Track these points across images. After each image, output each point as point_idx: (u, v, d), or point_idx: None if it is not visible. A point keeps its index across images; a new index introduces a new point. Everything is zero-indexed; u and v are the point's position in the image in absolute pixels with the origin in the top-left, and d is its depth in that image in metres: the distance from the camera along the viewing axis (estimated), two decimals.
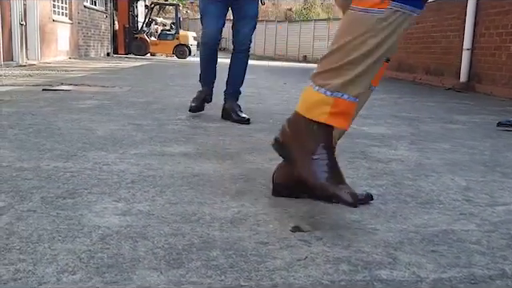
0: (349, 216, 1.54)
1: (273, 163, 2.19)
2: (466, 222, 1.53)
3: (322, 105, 1.50)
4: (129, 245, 1.23)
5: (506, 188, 1.95)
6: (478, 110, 4.89)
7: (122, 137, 2.64)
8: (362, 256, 1.23)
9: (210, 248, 1.24)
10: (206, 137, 2.77)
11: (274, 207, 1.59)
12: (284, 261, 1.18)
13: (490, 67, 6.98)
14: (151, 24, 18.06)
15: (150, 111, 3.72)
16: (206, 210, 1.52)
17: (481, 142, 2.98)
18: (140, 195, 1.64)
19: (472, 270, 1.18)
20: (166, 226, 1.37)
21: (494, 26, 6.92)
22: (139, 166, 2.03)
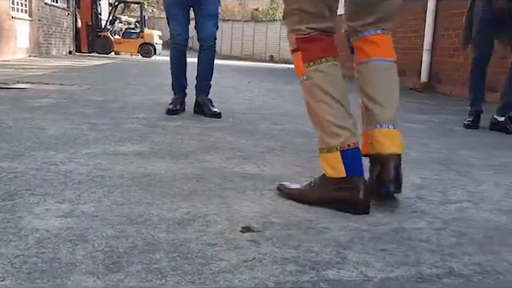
0: (302, 215, 1.52)
1: (229, 162, 2.16)
2: (418, 220, 1.52)
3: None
4: (66, 248, 1.17)
5: (459, 186, 1.96)
6: (437, 110, 4.97)
7: (75, 136, 2.55)
8: (310, 256, 1.21)
9: (154, 250, 1.19)
10: (162, 136, 2.71)
11: (226, 207, 1.55)
12: (230, 262, 1.15)
13: (449, 68, 7.11)
14: (115, 22, 17.79)
15: (107, 110, 3.63)
16: (154, 211, 1.47)
17: (437, 141, 3.01)
18: (86, 196, 1.58)
19: (420, 269, 1.17)
20: (110, 228, 1.31)
21: (452, 28, 7.05)
22: (89, 165, 1.96)
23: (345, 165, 1.57)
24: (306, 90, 1.66)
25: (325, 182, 1.62)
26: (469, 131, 3.51)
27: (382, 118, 1.70)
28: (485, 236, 1.41)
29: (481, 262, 1.22)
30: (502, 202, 1.77)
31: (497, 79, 5.06)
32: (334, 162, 1.59)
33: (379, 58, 1.75)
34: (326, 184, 1.61)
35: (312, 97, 1.64)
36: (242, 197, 1.67)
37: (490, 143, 3.02)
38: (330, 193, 1.58)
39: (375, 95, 1.73)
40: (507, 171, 2.26)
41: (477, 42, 3.76)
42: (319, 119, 1.63)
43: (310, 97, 1.65)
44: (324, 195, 1.59)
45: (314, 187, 1.65)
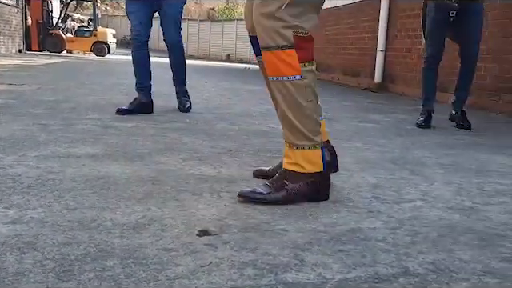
0: (259, 217, 1.51)
1: (185, 164, 2.13)
2: (374, 220, 1.54)
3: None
4: (14, 257, 1.11)
5: (413, 185, 2.00)
6: (391, 110, 5.07)
7: (24, 138, 2.46)
8: (268, 259, 1.20)
9: (107, 257, 1.15)
10: (116, 137, 2.65)
11: (182, 210, 1.52)
12: (187, 268, 1.12)
13: (402, 68, 7.28)
14: (67, 20, 17.31)
15: (58, 110, 3.52)
16: (108, 216, 1.43)
17: (391, 141, 3.07)
18: (35, 201, 1.51)
19: (376, 269, 1.18)
20: (60, 235, 1.26)
21: (405, 29, 7.22)
22: (39, 169, 1.89)
23: (322, 160, 1.69)
24: (298, 89, 1.63)
25: (299, 177, 1.65)
26: (421, 131, 3.59)
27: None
28: (438, 235, 1.43)
29: (435, 261, 1.24)
30: (454, 200, 1.81)
31: (448, 80, 5.20)
32: (314, 157, 1.67)
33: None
34: (301, 179, 1.65)
35: (304, 96, 1.64)
36: (198, 199, 1.64)
37: (441, 142, 3.10)
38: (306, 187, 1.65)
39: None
40: (457, 169, 2.32)
41: (429, 42, 3.85)
42: (307, 118, 1.65)
43: (301, 96, 1.64)
44: (301, 190, 1.65)
45: (285, 185, 1.65)
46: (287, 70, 1.62)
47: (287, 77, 1.63)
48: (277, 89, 1.66)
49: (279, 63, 1.62)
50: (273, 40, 1.61)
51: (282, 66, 1.62)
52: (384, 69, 7.79)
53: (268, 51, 1.64)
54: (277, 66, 1.63)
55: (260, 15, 1.63)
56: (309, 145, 1.66)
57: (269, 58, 1.65)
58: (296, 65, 1.62)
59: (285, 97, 1.65)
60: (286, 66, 1.62)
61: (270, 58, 1.64)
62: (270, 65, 1.66)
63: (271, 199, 1.63)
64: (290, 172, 1.67)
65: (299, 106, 1.64)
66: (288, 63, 1.61)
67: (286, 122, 1.68)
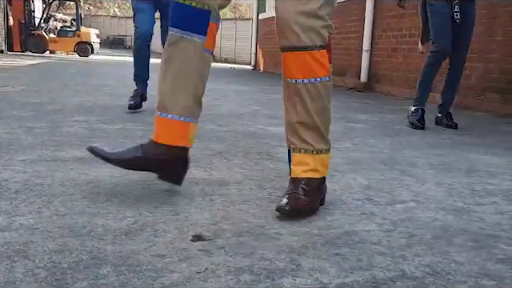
0: (252, 221, 1.49)
1: None
2: (368, 222, 1.53)
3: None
4: (5, 266, 1.08)
5: (404, 185, 2.00)
6: (377, 109, 5.09)
7: (9, 141, 2.41)
8: (264, 264, 1.18)
9: (100, 264, 1.12)
10: (104, 140, 2.61)
11: (174, 215, 1.50)
12: (182, 274, 1.10)
13: (388, 68, 7.32)
14: (50, 20, 17.12)
15: (44, 112, 3.46)
16: (99, 221, 1.40)
17: (380, 141, 3.07)
18: (24, 207, 1.48)
19: (373, 273, 1.17)
20: (51, 242, 1.23)
21: (390, 29, 7.26)
22: (26, 173, 1.85)
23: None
24: (326, 91, 1.61)
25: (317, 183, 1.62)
26: (409, 131, 3.60)
27: None
28: (433, 236, 1.43)
29: (431, 264, 1.24)
30: (446, 201, 1.81)
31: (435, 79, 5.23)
32: (328, 161, 1.67)
33: None
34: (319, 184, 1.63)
35: (329, 98, 1.62)
36: (190, 203, 1.62)
37: (429, 142, 3.11)
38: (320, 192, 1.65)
39: None
40: (447, 170, 2.33)
41: (438, 36, 3.64)
42: (329, 121, 1.66)
43: (328, 98, 1.62)
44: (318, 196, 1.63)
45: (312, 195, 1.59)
46: (321, 71, 1.57)
47: (320, 78, 1.57)
48: (306, 91, 1.58)
49: (314, 64, 1.56)
50: (311, 40, 1.53)
51: (316, 66, 1.56)
52: (369, 68, 7.83)
53: (303, 51, 1.54)
54: (311, 67, 1.56)
55: (299, 13, 1.52)
56: (326, 148, 1.65)
57: (302, 59, 1.55)
58: (328, 65, 1.59)
59: (313, 99, 1.58)
60: (321, 66, 1.57)
61: (304, 58, 1.55)
62: (304, 66, 1.56)
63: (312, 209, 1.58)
64: (311, 179, 1.61)
65: (325, 108, 1.62)
66: (322, 64, 1.57)
67: (308, 126, 1.61)
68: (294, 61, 1.57)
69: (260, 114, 4.11)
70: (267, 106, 4.70)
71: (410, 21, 6.61)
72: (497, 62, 5.16)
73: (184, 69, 1.65)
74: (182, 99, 1.65)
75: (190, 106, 1.68)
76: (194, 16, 1.62)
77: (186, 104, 1.66)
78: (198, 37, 1.63)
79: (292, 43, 1.55)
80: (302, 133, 1.61)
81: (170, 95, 1.66)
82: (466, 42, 3.70)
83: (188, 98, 1.67)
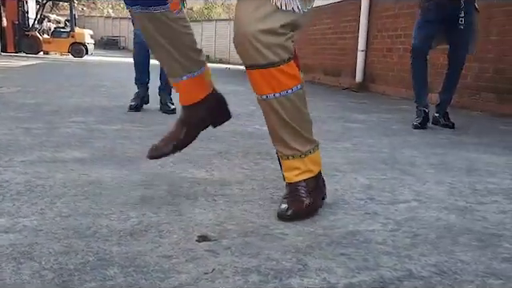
0: (256, 221, 1.49)
1: (176, 167, 2.10)
2: (372, 222, 1.53)
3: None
4: (11, 267, 1.08)
5: (405, 185, 2.00)
6: (374, 109, 5.10)
7: (8, 142, 2.40)
8: (271, 264, 1.18)
9: (107, 266, 1.12)
10: (102, 140, 2.60)
11: (178, 215, 1.50)
12: (190, 275, 1.10)
13: (383, 68, 7.34)
14: (44, 21, 17.04)
15: (41, 113, 3.45)
16: (103, 222, 1.39)
17: (379, 140, 3.08)
18: (27, 208, 1.47)
19: (380, 273, 1.17)
20: (57, 243, 1.22)
21: (385, 29, 7.28)
22: (27, 174, 1.84)
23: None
24: (301, 99, 1.56)
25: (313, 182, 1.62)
26: (407, 130, 3.61)
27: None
28: (437, 236, 1.43)
29: (437, 263, 1.24)
30: (447, 200, 1.82)
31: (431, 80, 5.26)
32: (318, 157, 1.66)
33: None
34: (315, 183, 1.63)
35: (305, 104, 1.59)
36: (193, 203, 1.62)
37: (428, 142, 3.12)
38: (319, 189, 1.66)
39: None
40: (447, 169, 2.34)
41: (415, 34, 3.77)
42: (308, 123, 1.62)
43: (303, 104, 1.58)
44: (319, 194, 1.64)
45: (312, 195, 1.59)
46: (292, 82, 1.51)
47: (291, 89, 1.51)
48: (279, 104, 1.52)
49: (283, 77, 1.49)
50: (278, 55, 1.45)
51: (286, 79, 1.50)
52: (365, 68, 7.84)
53: (271, 68, 1.46)
54: (280, 82, 1.49)
55: (260, 32, 1.41)
56: (313, 147, 1.63)
57: (271, 75, 1.48)
58: (298, 74, 1.54)
59: (288, 110, 1.53)
60: (291, 78, 1.51)
61: (272, 74, 1.47)
62: (272, 81, 1.49)
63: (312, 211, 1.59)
64: (306, 180, 1.61)
65: (303, 114, 1.58)
66: (292, 75, 1.51)
67: (289, 133, 1.57)
68: (262, 77, 1.49)
69: (257, 115, 4.11)
70: None
71: (405, 21, 6.64)
72: (492, 61, 5.18)
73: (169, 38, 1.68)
74: (184, 60, 1.72)
75: (193, 59, 1.75)
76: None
77: (189, 60, 1.74)
78: (163, 7, 1.63)
79: (258, 61, 1.46)
80: (285, 140, 1.59)
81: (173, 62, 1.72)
82: (464, 43, 3.71)
83: (188, 56, 1.73)
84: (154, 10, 1.62)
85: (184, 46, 1.72)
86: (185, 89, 1.76)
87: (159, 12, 1.63)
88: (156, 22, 1.64)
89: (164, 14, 1.63)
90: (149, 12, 1.62)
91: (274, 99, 1.52)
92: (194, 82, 1.75)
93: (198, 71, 1.75)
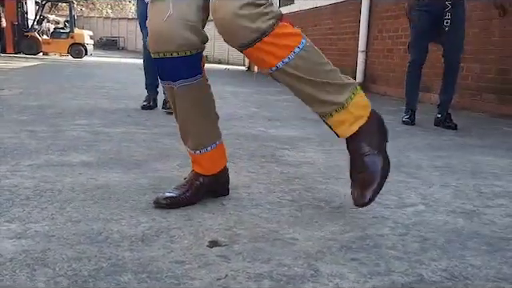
0: (266, 225, 1.49)
1: (182, 170, 2.11)
2: (380, 226, 1.54)
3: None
4: (25, 274, 1.08)
5: (412, 188, 2.01)
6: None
7: (14, 146, 2.40)
8: (283, 270, 1.18)
9: (121, 272, 1.12)
10: (108, 143, 2.60)
11: (187, 220, 1.50)
12: (203, 281, 1.10)
13: (384, 68, 7.34)
14: (43, 21, 17.03)
15: (45, 116, 3.45)
16: (114, 228, 1.40)
17: None
18: (37, 213, 1.48)
19: (392, 278, 1.17)
20: (69, 249, 1.23)
21: (386, 29, 7.28)
22: (34, 179, 1.84)
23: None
24: (312, 53, 1.47)
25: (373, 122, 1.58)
26: (411, 132, 3.62)
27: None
28: (446, 240, 1.44)
29: (447, 268, 1.24)
30: (454, 203, 1.82)
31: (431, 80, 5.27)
32: (362, 99, 1.55)
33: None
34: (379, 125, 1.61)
35: (320, 55, 1.49)
36: (202, 208, 1.62)
37: (431, 144, 3.13)
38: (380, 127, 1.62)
39: None
40: (451, 171, 2.35)
41: (412, 48, 4.00)
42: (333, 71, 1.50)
43: (318, 56, 1.48)
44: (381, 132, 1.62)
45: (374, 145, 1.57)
46: (293, 41, 1.43)
47: (297, 47, 1.43)
48: (293, 67, 1.44)
49: (283, 40, 1.42)
50: (264, 23, 1.39)
51: (286, 41, 1.42)
52: (365, 69, 7.85)
53: (265, 38, 1.40)
54: (282, 46, 1.42)
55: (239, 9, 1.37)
56: (350, 93, 1.50)
57: (269, 45, 1.41)
58: (295, 30, 1.45)
59: (304, 69, 1.45)
60: (290, 37, 1.43)
61: (269, 42, 1.40)
62: (274, 48, 1.42)
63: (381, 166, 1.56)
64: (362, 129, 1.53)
65: (322, 65, 1.48)
66: (290, 33, 1.43)
67: (318, 90, 1.47)
68: (262, 51, 1.43)
69: (259, 116, 4.11)
70: (265, 108, 4.71)
71: (405, 21, 6.59)
72: (493, 62, 5.19)
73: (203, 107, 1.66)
74: (211, 129, 1.69)
75: (216, 127, 1.72)
76: (192, 63, 1.56)
77: (214, 130, 1.71)
78: (199, 76, 1.60)
79: (250, 37, 1.40)
80: (318, 98, 1.49)
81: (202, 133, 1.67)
82: (458, 43, 3.83)
83: (212, 125, 1.70)
84: (194, 80, 1.59)
85: (213, 114, 1.70)
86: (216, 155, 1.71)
87: (197, 81, 1.60)
88: (195, 91, 1.61)
89: (193, 85, 1.60)
90: (189, 84, 1.58)
91: (285, 65, 1.44)
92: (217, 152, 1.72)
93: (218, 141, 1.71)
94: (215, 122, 1.71)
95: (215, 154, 1.70)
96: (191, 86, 1.59)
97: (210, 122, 1.69)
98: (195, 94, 1.62)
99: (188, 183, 1.68)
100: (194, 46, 1.52)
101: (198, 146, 1.68)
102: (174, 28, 1.47)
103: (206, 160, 1.70)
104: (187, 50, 1.51)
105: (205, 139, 1.68)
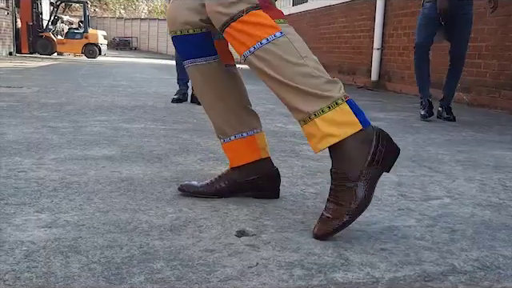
0: (291, 217, 1.49)
1: (203, 164, 2.11)
2: (407, 218, 1.53)
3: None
4: (59, 261, 1.09)
5: (436, 182, 2.00)
6: (391, 107, 5.08)
7: (37, 141, 2.42)
8: (313, 259, 1.18)
9: (152, 259, 1.13)
10: (129, 138, 2.62)
11: (214, 211, 1.50)
12: (235, 269, 1.10)
13: (399, 66, 7.30)
14: (57, 22, 17.19)
15: (64, 113, 3.48)
16: (142, 218, 1.40)
17: (402, 138, 3.07)
18: (65, 204, 1.49)
19: (423, 267, 1.17)
20: (100, 238, 1.24)
21: (401, 27, 7.24)
22: (60, 171, 1.86)
23: (356, 115, 1.32)
24: (284, 48, 1.34)
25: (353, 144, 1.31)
26: (429, 128, 3.60)
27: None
28: (475, 231, 1.43)
29: (479, 258, 1.23)
30: (480, 196, 1.81)
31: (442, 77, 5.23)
32: (343, 116, 1.31)
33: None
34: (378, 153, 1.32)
35: (294, 53, 1.35)
36: (227, 200, 1.62)
37: (451, 140, 3.11)
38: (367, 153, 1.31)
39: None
40: (475, 166, 2.33)
41: (418, 32, 4.11)
42: (310, 76, 1.33)
43: (291, 54, 1.34)
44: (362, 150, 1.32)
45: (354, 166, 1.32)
46: (263, 32, 1.35)
47: (266, 39, 1.35)
48: (259, 60, 1.36)
49: (251, 28, 1.36)
50: (235, 8, 1.37)
51: (255, 30, 1.35)
52: (381, 67, 7.81)
53: (233, 23, 1.37)
54: (249, 33, 1.36)
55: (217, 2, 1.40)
56: (327, 104, 1.31)
57: (237, 30, 1.37)
58: (271, 22, 1.36)
59: (271, 64, 1.35)
60: (260, 27, 1.35)
61: (237, 28, 1.37)
62: (242, 36, 1.37)
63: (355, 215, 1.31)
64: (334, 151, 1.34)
65: (293, 65, 1.34)
66: (261, 24, 1.36)
67: (286, 91, 1.35)
68: (232, 37, 1.40)
69: (276, 113, 4.12)
70: (281, 105, 4.67)
71: None
72: None
73: (217, 90, 1.64)
74: (232, 117, 1.64)
75: (243, 119, 1.65)
76: (197, 42, 1.59)
77: (238, 119, 1.65)
78: (211, 58, 1.61)
79: (220, 22, 1.40)
80: (286, 100, 1.37)
81: (220, 119, 1.65)
82: (463, 39, 3.99)
83: (237, 114, 1.65)
84: (204, 60, 1.61)
85: (240, 99, 1.67)
86: (231, 148, 1.66)
87: (208, 62, 1.61)
88: (206, 72, 1.62)
89: (212, 64, 1.61)
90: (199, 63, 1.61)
91: (251, 55, 1.37)
92: (255, 139, 1.66)
93: (248, 132, 1.65)
94: (240, 111, 1.65)
95: (241, 146, 1.65)
96: (202, 66, 1.61)
97: (229, 109, 1.64)
98: (208, 75, 1.62)
99: (219, 176, 1.68)
100: (195, 25, 1.56)
101: (221, 134, 1.67)
102: (176, 9, 1.58)
103: (230, 150, 1.67)
104: (190, 29, 1.57)
105: (227, 128, 1.65)
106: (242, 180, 1.65)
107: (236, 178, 1.65)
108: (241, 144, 1.65)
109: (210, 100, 1.65)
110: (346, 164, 1.32)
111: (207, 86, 1.64)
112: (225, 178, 1.66)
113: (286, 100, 1.37)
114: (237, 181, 1.65)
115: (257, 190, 1.67)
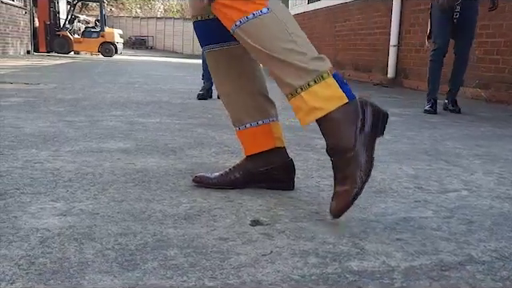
0: (306, 207, 1.48)
1: (218, 157, 2.11)
2: (423, 209, 1.51)
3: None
4: (74, 247, 1.09)
5: (453, 175, 1.97)
6: (408, 104, 5.03)
7: (53, 134, 2.44)
8: (328, 248, 1.17)
9: (166, 247, 1.13)
10: (144, 132, 2.63)
11: (228, 201, 1.50)
12: (249, 256, 1.10)
13: (416, 63, 7.23)
14: (74, 21, 17.35)
15: (80, 108, 3.50)
16: (156, 207, 1.40)
17: (419, 133, 3.04)
18: (80, 194, 1.49)
19: (440, 257, 1.15)
20: (114, 226, 1.24)
21: (418, 23, 7.17)
22: (75, 163, 1.87)
23: (342, 89, 1.35)
24: (272, 23, 1.35)
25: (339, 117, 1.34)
26: (447, 123, 3.55)
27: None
28: (493, 223, 1.40)
29: (497, 249, 1.21)
30: (498, 189, 1.78)
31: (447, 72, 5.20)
32: (329, 90, 1.34)
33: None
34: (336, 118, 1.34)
35: (283, 29, 1.35)
36: (241, 191, 1.62)
37: (469, 134, 3.06)
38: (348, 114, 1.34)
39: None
40: (493, 160, 2.29)
41: (435, 35, 4.16)
42: (294, 51, 1.35)
43: (279, 29, 1.35)
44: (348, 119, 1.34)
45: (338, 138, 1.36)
46: (249, 7, 1.35)
47: (252, 13, 1.35)
48: (247, 34, 1.37)
49: (237, 3, 1.36)
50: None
51: (241, 5, 1.36)
52: (397, 64, 7.75)
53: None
54: (236, 8, 1.36)
55: None
56: (313, 78, 1.33)
57: (224, 5, 1.38)
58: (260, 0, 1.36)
59: (258, 38, 1.36)
60: (246, 2, 1.35)
61: (224, 3, 1.38)
62: (228, 10, 1.38)
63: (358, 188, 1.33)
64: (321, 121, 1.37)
65: (279, 40, 1.35)
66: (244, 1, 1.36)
67: (273, 65, 1.37)
68: (218, 12, 1.42)
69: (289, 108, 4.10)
70: None
71: None
72: None
73: (235, 76, 1.62)
74: (248, 103, 1.63)
75: (260, 106, 1.63)
76: (216, 27, 1.56)
77: (255, 106, 1.63)
78: (228, 43, 1.60)
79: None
80: (275, 74, 1.39)
81: (236, 105, 1.64)
82: (468, 37, 4.10)
83: (254, 100, 1.63)
84: (223, 45, 1.60)
85: (258, 86, 1.64)
86: (246, 135, 1.65)
87: (227, 48, 1.60)
88: (223, 58, 1.61)
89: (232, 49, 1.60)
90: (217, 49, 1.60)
91: (238, 29, 1.38)
92: (271, 128, 1.64)
93: (264, 120, 1.63)
94: (257, 98, 1.63)
95: (256, 133, 1.63)
96: (220, 51, 1.61)
97: (247, 95, 1.62)
98: (225, 61, 1.61)
99: (233, 167, 1.68)
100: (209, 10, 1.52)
101: (237, 121, 1.66)
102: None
103: (245, 137, 1.66)
104: (205, 14, 1.57)
105: (243, 114, 1.63)
106: (256, 170, 1.64)
107: (250, 168, 1.64)
108: (256, 131, 1.64)
109: (228, 86, 1.64)
110: (338, 136, 1.35)
111: (225, 72, 1.63)
112: (239, 168, 1.65)
113: (275, 74, 1.39)
114: (251, 171, 1.64)
115: (271, 181, 1.66)
